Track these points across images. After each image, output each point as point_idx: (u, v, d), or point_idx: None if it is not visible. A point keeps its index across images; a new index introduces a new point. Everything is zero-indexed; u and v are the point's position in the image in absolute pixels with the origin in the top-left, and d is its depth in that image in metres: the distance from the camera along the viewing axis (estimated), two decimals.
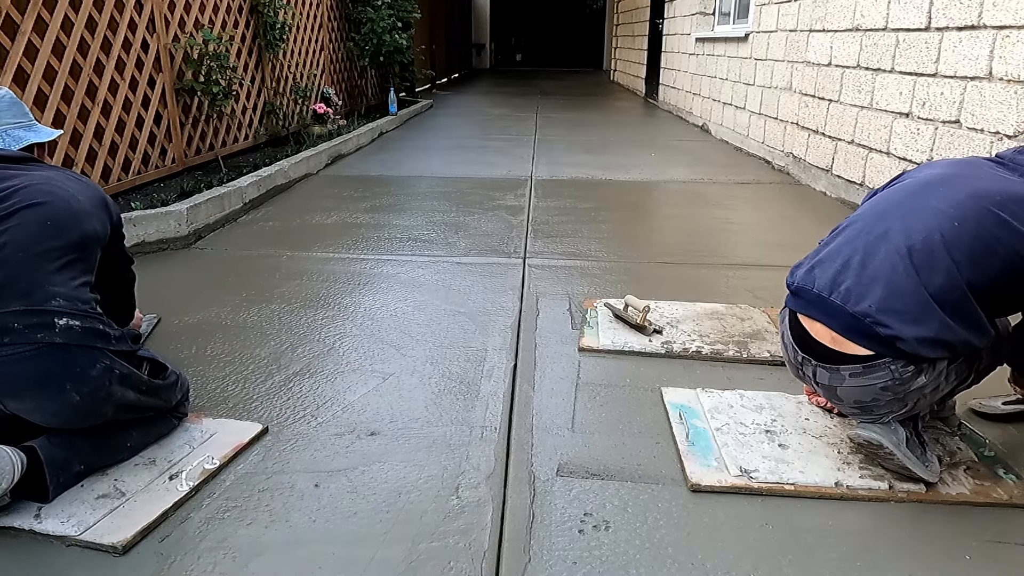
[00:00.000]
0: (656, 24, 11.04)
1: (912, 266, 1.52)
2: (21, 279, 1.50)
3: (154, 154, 4.41)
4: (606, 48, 20.43)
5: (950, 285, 1.49)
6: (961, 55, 3.48)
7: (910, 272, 1.52)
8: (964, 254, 1.49)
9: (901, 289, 1.53)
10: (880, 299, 1.55)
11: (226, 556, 1.46)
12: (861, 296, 1.57)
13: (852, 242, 1.66)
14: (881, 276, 1.56)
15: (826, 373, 1.67)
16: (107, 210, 1.77)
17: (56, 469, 1.56)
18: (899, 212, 1.61)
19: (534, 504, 1.63)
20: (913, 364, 1.55)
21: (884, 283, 1.55)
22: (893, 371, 1.57)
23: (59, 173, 1.73)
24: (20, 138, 1.79)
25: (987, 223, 1.49)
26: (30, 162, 1.75)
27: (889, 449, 1.63)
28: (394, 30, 8.52)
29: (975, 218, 1.49)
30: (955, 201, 1.54)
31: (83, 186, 1.73)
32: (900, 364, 1.56)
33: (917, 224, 1.55)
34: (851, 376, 1.62)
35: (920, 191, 1.62)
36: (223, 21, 5.22)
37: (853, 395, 1.65)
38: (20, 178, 1.64)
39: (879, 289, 1.55)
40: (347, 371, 2.26)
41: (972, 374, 1.67)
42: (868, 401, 1.64)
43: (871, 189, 4.27)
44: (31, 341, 1.47)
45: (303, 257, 3.42)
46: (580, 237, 3.78)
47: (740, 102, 6.80)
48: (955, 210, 1.52)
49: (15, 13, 3.27)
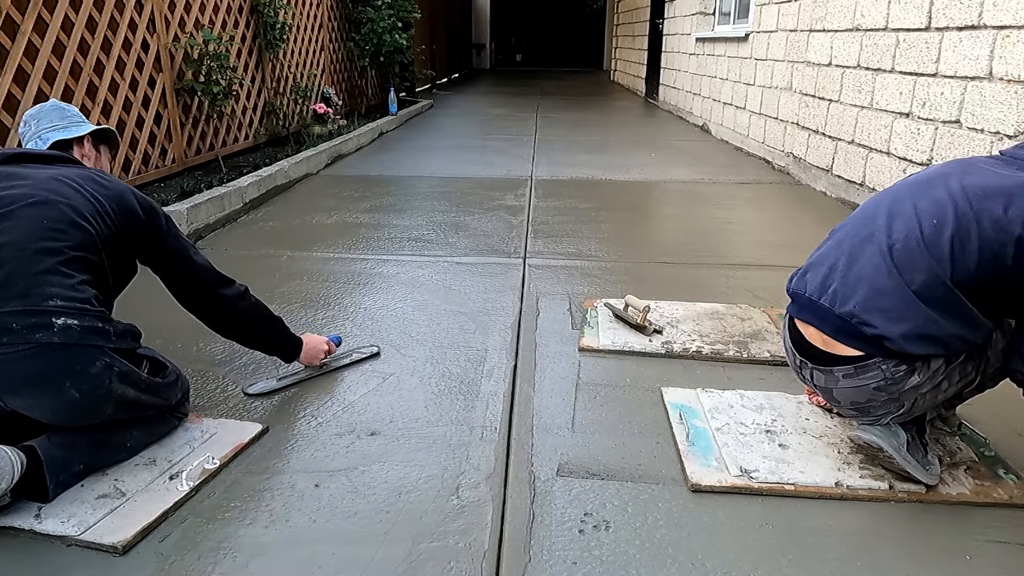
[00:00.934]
0: (656, 24, 11.05)
1: (894, 265, 1.54)
2: (19, 279, 1.49)
3: (154, 154, 4.41)
4: (606, 48, 20.43)
5: (932, 282, 1.50)
6: (961, 55, 3.48)
7: (892, 271, 1.54)
8: (943, 250, 1.49)
9: (884, 288, 1.54)
10: (864, 299, 1.57)
11: (226, 556, 1.46)
12: (847, 297, 1.60)
13: (840, 245, 1.68)
14: (865, 277, 1.58)
15: (821, 375, 1.69)
16: (123, 210, 1.74)
17: (56, 469, 1.56)
18: (884, 214, 1.62)
19: (534, 504, 1.63)
20: (905, 363, 1.56)
21: (868, 283, 1.57)
22: (884, 371, 1.57)
23: (77, 171, 1.74)
24: (47, 138, 1.85)
25: (965, 219, 1.49)
26: (58, 161, 1.77)
27: (888, 452, 1.64)
28: (394, 30, 8.52)
29: (954, 214, 1.50)
30: (936, 199, 1.54)
31: (99, 185, 1.73)
32: (891, 363, 1.57)
33: (899, 224, 1.57)
34: (844, 377, 1.63)
35: (905, 193, 1.63)
36: (223, 21, 5.22)
37: (848, 396, 1.66)
38: (27, 177, 1.64)
39: (863, 289, 1.57)
40: (347, 371, 2.26)
41: (978, 375, 1.65)
42: (864, 402, 1.65)
43: (871, 189, 4.27)
44: (29, 341, 1.47)
45: (303, 257, 3.42)
46: (580, 237, 3.78)
47: (740, 102, 6.80)
48: (936, 208, 1.53)
49: (15, 13, 3.27)
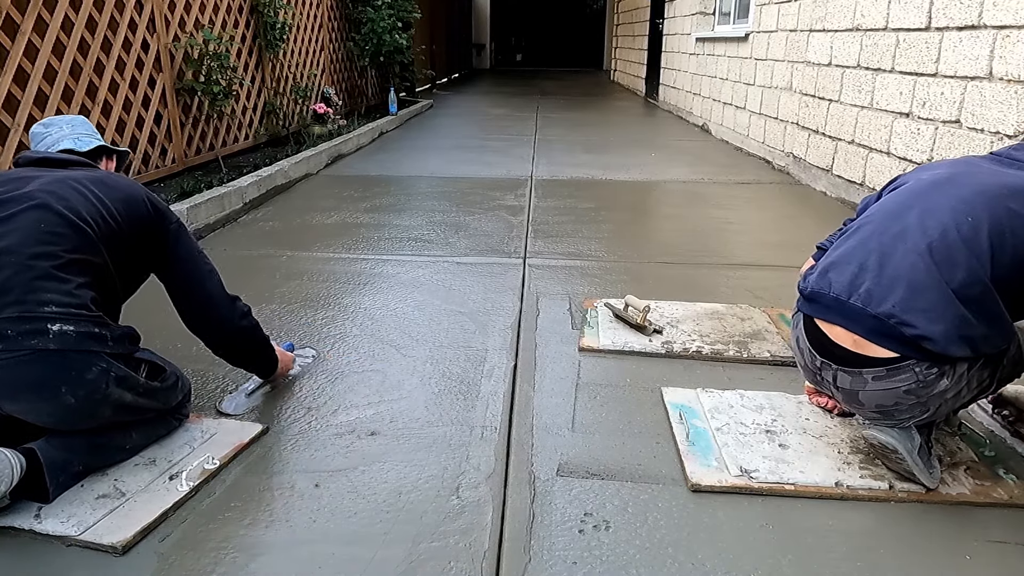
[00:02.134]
0: (656, 24, 11.04)
1: (933, 263, 1.51)
2: (14, 285, 1.49)
3: (154, 154, 4.41)
4: (606, 48, 20.42)
5: (972, 280, 1.48)
6: (961, 55, 3.48)
7: (931, 269, 1.51)
8: (981, 248, 1.49)
9: (924, 286, 1.51)
10: (903, 299, 1.53)
11: (226, 556, 1.46)
12: (883, 297, 1.55)
13: (866, 244, 1.64)
14: (902, 275, 1.54)
15: (847, 377, 1.64)
16: (129, 212, 1.73)
17: (56, 471, 1.56)
18: (912, 212, 1.60)
19: (534, 504, 1.63)
20: (937, 366, 1.53)
21: (906, 282, 1.53)
22: (917, 373, 1.54)
23: (86, 173, 1.74)
24: (88, 143, 1.92)
25: (999, 216, 1.49)
26: (71, 165, 1.78)
27: (902, 454, 1.62)
28: (394, 30, 8.52)
29: (987, 212, 1.50)
30: (964, 198, 1.54)
31: (105, 186, 1.73)
32: (924, 366, 1.53)
33: (932, 222, 1.55)
34: (874, 379, 1.59)
35: (929, 191, 1.62)
36: (223, 21, 5.22)
37: (875, 399, 1.62)
38: (34, 180, 1.65)
39: (901, 289, 1.53)
40: (347, 371, 2.26)
41: (993, 383, 1.63)
42: (890, 405, 1.61)
43: (871, 189, 4.27)
44: (25, 348, 1.46)
45: (303, 257, 3.42)
46: (580, 237, 3.78)
47: (740, 102, 6.80)
48: (966, 206, 1.53)
49: (15, 13, 3.27)
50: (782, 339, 2.47)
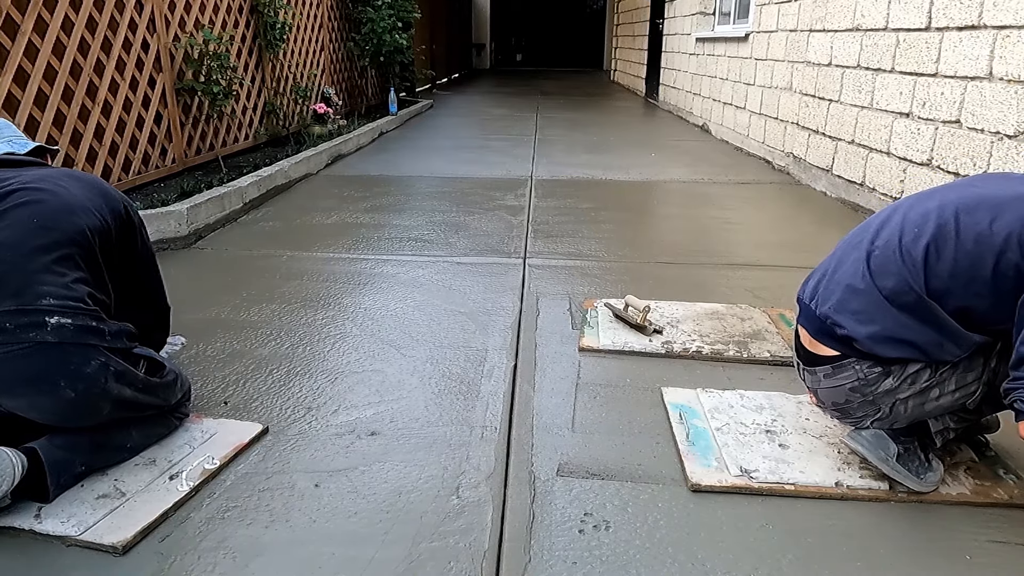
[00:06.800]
0: (656, 24, 11.04)
1: (868, 270, 1.58)
2: (11, 279, 1.49)
3: (154, 154, 4.41)
4: (606, 48, 20.43)
5: (902, 288, 1.51)
6: (961, 55, 3.48)
7: (865, 275, 1.58)
8: (917, 258, 1.50)
9: (857, 290, 1.59)
10: (838, 300, 1.62)
11: (226, 556, 1.46)
12: (826, 299, 1.65)
13: (835, 252, 1.73)
14: (845, 279, 1.63)
15: (809, 376, 1.74)
16: (109, 205, 1.74)
17: (57, 470, 1.56)
18: (876, 224, 1.65)
19: (534, 504, 1.63)
20: (879, 365, 1.58)
21: (844, 286, 1.62)
22: (859, 371, 1.61)
23: (57, 172, 1.74)
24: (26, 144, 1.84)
25: (945, 229, 1.49)
26: (31, 165, 1.76)
27: (872, 463, 1.66)
28: (394, 30, 8.52)
29: (936, 224, 1.51)
30: (925, 210, 1.56)
31: (81, 183, 1.72)
32: (866, 364, 1.60)
33: (885, 232, 1.60)
34: (824, 377, 1.68)
35: (905, 204, 1.65)
36: (223, 21, 5.22)
37: (829, 396, 1.71)
38: (12, 180, 1.64)
39: (839, 292, 1.62)
40: (347, 371, 2.26)
41: (980, 387, 1.59)
42: (842, 403, 1.69)
43: (871, 189, 4.27)
44: (23, 341, 1.46)
45: (303, 257, 3.42)
46: (580, 237, 3.78)
47: (740, 102, 6.80)
48: (920, 218, 1.55)
49: (15, 13, 3.27)
50: (782, 339, 2.47)
